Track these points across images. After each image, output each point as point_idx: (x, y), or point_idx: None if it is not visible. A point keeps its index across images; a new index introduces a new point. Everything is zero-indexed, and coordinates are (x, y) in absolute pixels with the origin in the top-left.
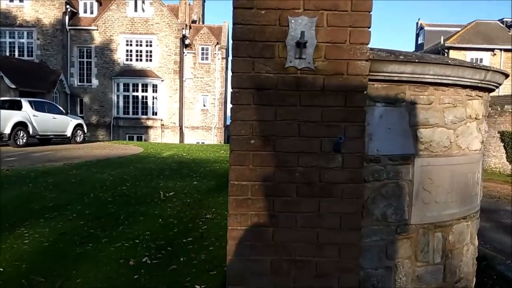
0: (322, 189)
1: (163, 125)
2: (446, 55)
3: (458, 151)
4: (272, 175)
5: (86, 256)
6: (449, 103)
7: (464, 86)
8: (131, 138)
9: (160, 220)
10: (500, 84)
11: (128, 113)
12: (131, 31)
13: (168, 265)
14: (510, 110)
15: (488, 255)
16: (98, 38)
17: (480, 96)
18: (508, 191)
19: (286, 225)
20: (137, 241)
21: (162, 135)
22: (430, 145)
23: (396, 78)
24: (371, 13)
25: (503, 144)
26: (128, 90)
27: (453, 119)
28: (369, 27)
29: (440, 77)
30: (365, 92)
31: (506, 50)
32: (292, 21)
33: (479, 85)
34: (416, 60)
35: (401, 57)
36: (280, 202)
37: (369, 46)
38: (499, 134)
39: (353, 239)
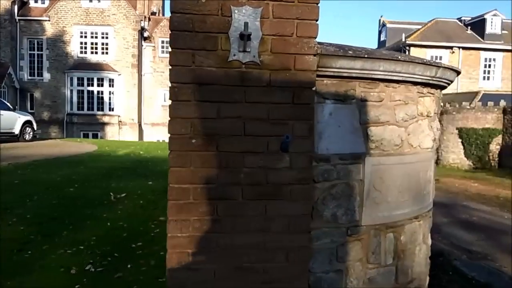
0: (269, 191)
1: (120, 121)
2: (407, 52)
3: (410, 150)
4: (216, 177)
5: (23, 265)
6: (400, 100)
7: (415, 83)
8: (86, 136)
9: (108, 224)
10: (451, 81)
11: (82, 109)
12: (86, 22)
13: (113, 273)
14: (468, 107)
15: (445, 251)
16: (50, 29)
17: (432, 93)
18: (466, 186)
19: (230, 230)
20: (82, 247)
21: (119, 132)
22: (381, 143)
23: (345, 74)
24: (318, 5)
25: (461, 141)
26: (82, 85)
27: (404, 116)
28: (316, 20)
29: (390, 74)
30: (313, 89)
31: (464, 48)
32: (236, 11)
33: (430, 82)
34: (366, 56)
35: (350, 52)
36: (225, 206)
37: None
38: (457, 131)
39: (302, 242)
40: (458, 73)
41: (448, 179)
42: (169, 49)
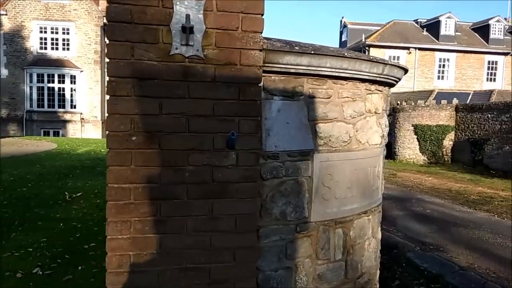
0: (215, 190)
1: (83, 119)
2: (367, 52)
3: (358, 146)
4: (158, 176)
5: None
6: (348, 97)
7: (363, 80)
8: (46, 133)
9: (61, 224)
10: (399, 79)
11: (43, 106)
12: (46, 17)
13: (62, 276)
14: (423, 105)
15: (399, 243)
16: (7, 24)
17: (380, 91)
18: (420, 180)
19: (175, 231)
20: (31, 249)
21: (82, 129)
22: (330, 140)
23: (293, 70)
24: None
25: (416, 137)
26: (42, 81)
27: (352, 113)
28: (262, 14)
29: (337, 70)
30: (259, 85)
31: (420, 49)
32: (177, 2)
33: (378, 79)
34: (312, 52)
35: (297, 48)
36: (168, 206)
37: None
38: (413, 127)
39: (249, 241)
40: (405, 71)
41: (405, 173)
42: None
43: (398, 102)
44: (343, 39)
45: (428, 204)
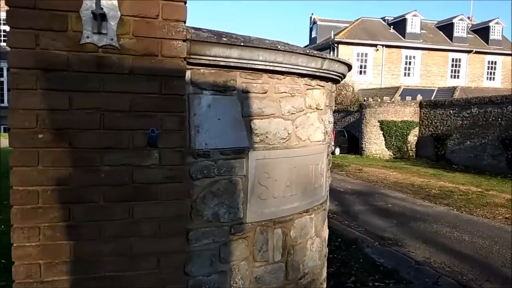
0: (135, 191)
1: None
2: (336, 49)
3: (298, 143)
4: (70, 177)
5: None
6: (286, 92)
7: (301, 75)
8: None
9: None
10: (343, 75)
11: (2, 102)
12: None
13: None
14: (388, 101)
15: (359, 239)
16: None
17: (322, 86)
18: (385, 175)
19: (90, 237)
20: None
21: None
22: (266, 137)
23: (223, 63)
24: None
25: (382, 132)
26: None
27: (291, 109)
28: (185, 2)
29: (272, 64)
30: (184, 78)
31: (387, 46)
32: None
33: (317, 73)
34: (242, 44)
35: (225, 39)
36: (82, 210)
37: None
38: (379, 123)
39: (175, 246)
40: (348, 66)
41: (370, 168)
42: None
43: (365, 98)
44: (312, 36)
45: (391, 199)
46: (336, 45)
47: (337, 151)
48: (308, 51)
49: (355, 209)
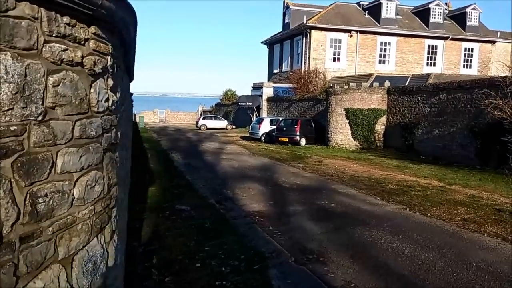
0: None
1: None
2: (308, 35)
3: None
4: None
5: None
6: None
7: None
8: None
9: None
10: None
11: None
12: None
13: None
14: (354, 88)
15: (273, 253)
16: None
17: None
18: (345, 167)
19: None
20: None
21: None
22: None
23: None
24: None
25: (348, 121)
26: None
27: None
28: None
29: None
30: None
31: (361, 32)
32: None
33: None
34: None
35: None
36: None
37: None
38: (344, 112)
39: None
40: None
41: (332, 160)
42: None
43: (331, 84)
44: (286, 21)
45: (339, 196)
46: (308, 30)
47: (303, 141)
48: None
49: (290, 210)
